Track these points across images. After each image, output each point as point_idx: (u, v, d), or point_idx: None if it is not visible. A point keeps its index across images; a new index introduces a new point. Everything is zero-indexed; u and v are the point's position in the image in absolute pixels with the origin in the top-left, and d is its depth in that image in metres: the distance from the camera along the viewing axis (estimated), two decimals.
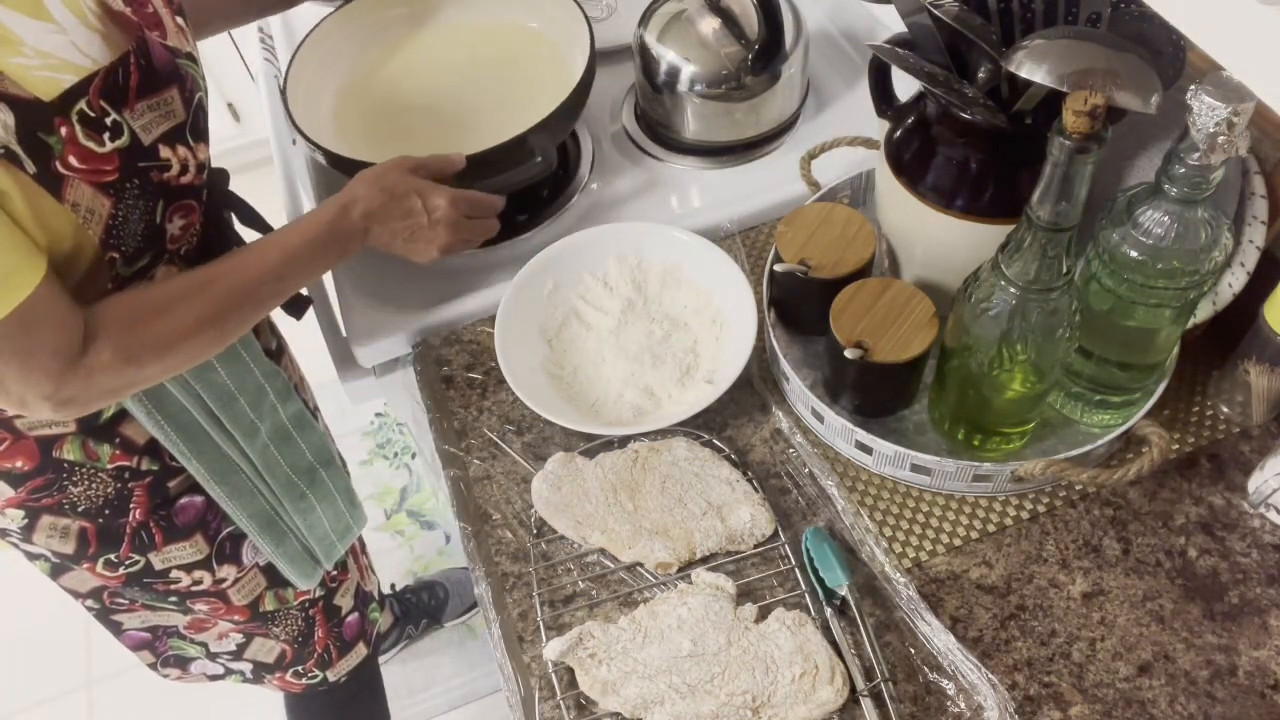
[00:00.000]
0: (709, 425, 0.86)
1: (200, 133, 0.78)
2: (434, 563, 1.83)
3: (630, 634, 0.73)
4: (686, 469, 0.82)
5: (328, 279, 1.06)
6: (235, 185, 0.93)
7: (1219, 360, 0.83)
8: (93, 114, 0.66)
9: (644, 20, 1.07)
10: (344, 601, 1.15)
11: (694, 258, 0.93)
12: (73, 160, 0.66)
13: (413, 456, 1.99)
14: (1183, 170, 0.62)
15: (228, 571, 0.96)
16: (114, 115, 0.68)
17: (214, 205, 0.88)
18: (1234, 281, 0.78)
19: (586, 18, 1.04)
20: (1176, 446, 0.81)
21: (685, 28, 1.04)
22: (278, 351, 1.02)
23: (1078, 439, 0.81)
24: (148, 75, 0.70)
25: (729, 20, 1.03)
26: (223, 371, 0.85)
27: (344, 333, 1.00)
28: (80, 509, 0.84)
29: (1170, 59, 0.71)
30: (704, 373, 0.88)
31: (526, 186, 0.97)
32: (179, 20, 0.78)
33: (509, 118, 1.01)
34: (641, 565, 0.79)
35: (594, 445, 0.86)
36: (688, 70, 1.04)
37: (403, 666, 1.70)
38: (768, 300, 0.90)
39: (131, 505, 0.86)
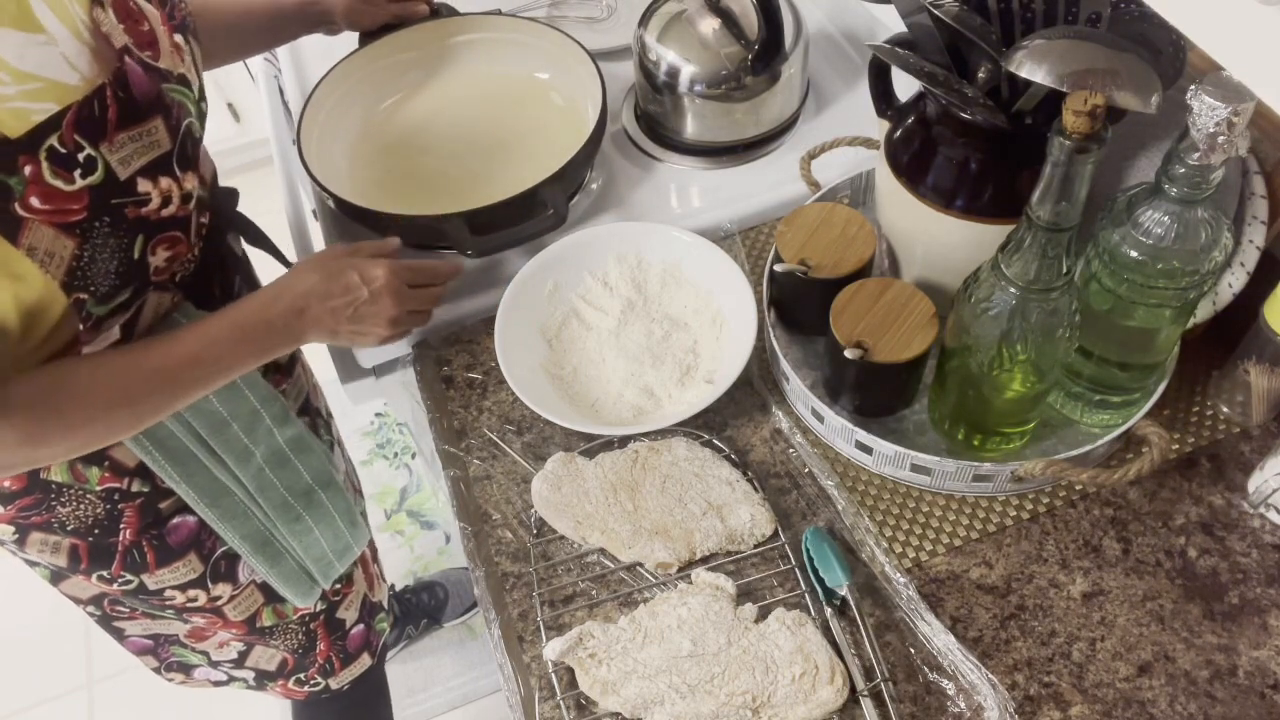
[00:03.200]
0: (709, 425, 0.86)
1: (189, 161, 0.74)
2: (434, 563, 1.83)
3: (630, 634, 0.73)
4: (686, 469, 0.82)
5: None
6: (235, 185, 0.92)
7: (1219, 360, 0.83)
8: (64, 149, 0.62)
9: (644, 20, 1.07)
10: (348, 614, 1.13)
11: (694, 258, 0.93)
12: (34, 201, 0.61)
13: (413, 456, 1.99)
14: (1183, 170, 0.62)
15: (223, 589, 0.95)
16: (89, 150, 0.64)
17: (218, 228, 0.85)
18: (1234, 281, 0.78)
19: (599, 69, 1.04)
20: (1176, 446, 0.81)
21: (685, 28, 1.04)
22: (289, 363, 1.00)
23: (1078, 439, 0.81)
24: (127, 106, 0.66)
25: (729, 20, 1.03)
26: (214, 398, 0.82)
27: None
28: (69, 528, 0.83)
29: (1170, 59, 0.71)
30: (704, 373, 0.88)
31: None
32: (178, 38, 0.74)
33: (520, 168, 1.02)
34: (641, 565, 0.79)
35: (594, 445, 0.86)
36: (688, 70, 1.04)
37: (403, 666, 1.70)
38: (768, 300, 0.90)
39: (122, 525, 0.84)
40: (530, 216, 0.94)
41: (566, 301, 0.94)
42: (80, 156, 0.63)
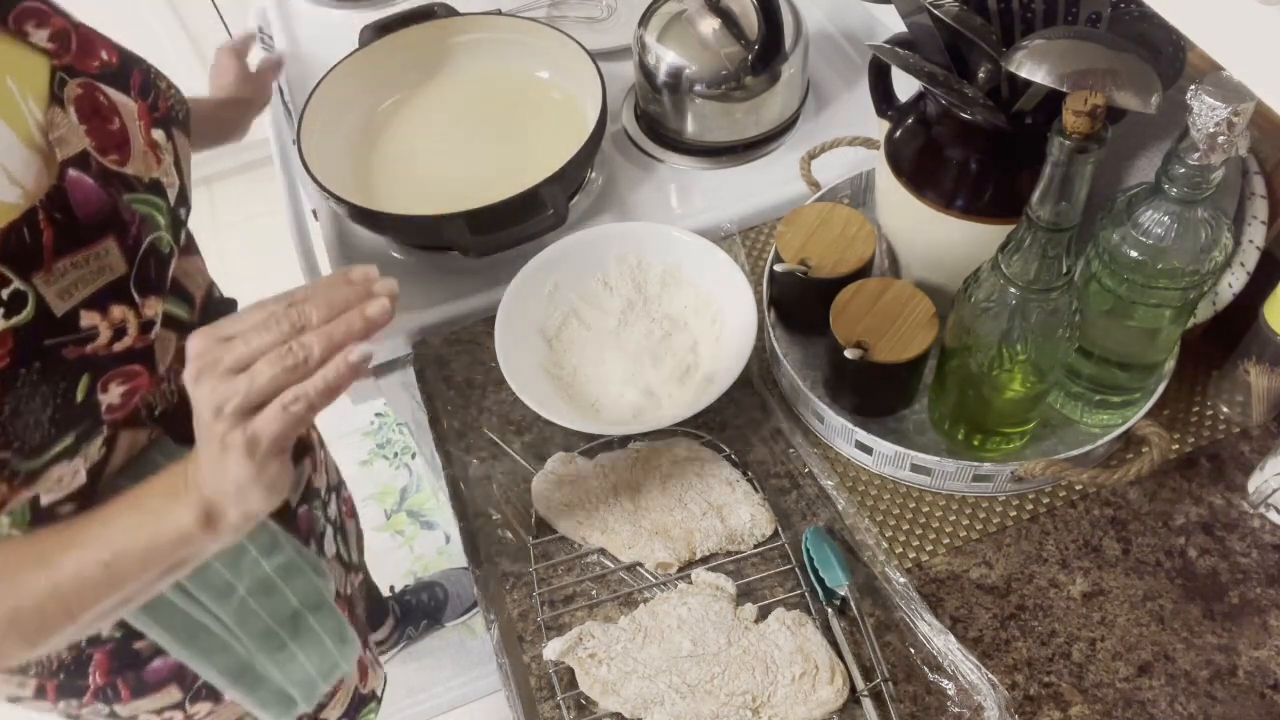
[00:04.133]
0: (709, 425, 0.86)
1: (150, 285, 0.61)
2: (434, 563, 1.83)
3: (630, 634, 0.73)
4: (686, 469, 0.82)
5: None
6: (235, 185, 0.92)
7: (1219, 360, 0.83)
8: None
9: (644, 20, 1.07)
10: (332, 714, 1.03)
11: (694, 258, 0.93)
12: None
13: (413, 456, 1.99)
14: (1183, 170, 0.62)
15: (201, 707, 0.86)
16: (17, 283, 0.52)
17: None
18: (1234, 281, 0.78)
19: (599, 69, 1.04)
20: (1176, 446, 0.81)
21: (685, 28, 1.04)
22: (299, 452, 0.88)
23: (1078, 439, 0.81)
24: (67, 228, 0.55)
25: (729, 20, 1.03)
26: None
27: None
28: (31, 671, 0.75)
29: (1170, 59, 0.71)
30: (704, 373, 0.88)
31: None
32: (156, 135, 0.64)
33: (520, 169, 1.02)
34: (641, 565, 0.79)
35: (594, 445, 0.86)
36: (688, 70, 1.04)
37: (403, 666, 1.70)
38: (768, 300, 0.90)
39: (91, 670, 0.76)
40: (530, 216, 0.94)
41: (566, 301, 0.94)
42: (4, 293, 0.52)
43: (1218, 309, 0.79)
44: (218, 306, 0.78)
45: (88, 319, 0.57)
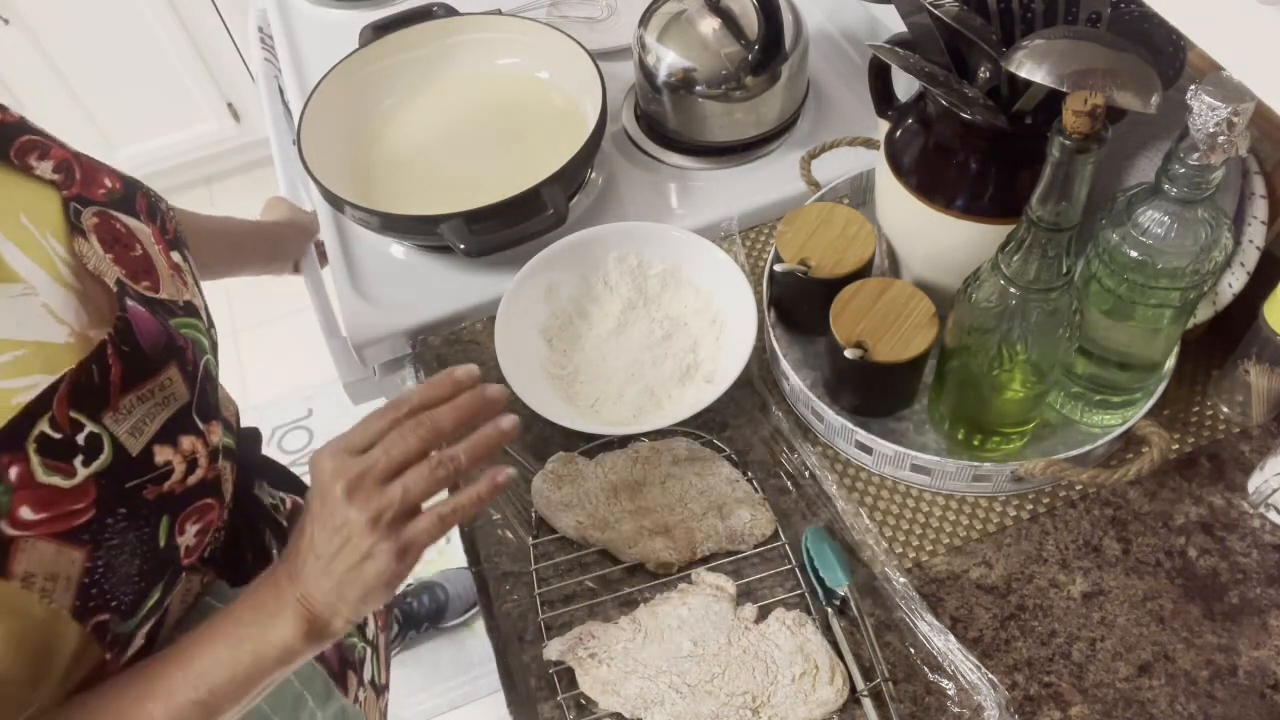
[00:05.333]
0: (709, 425, 0.86)
1: (210, 410, 0.59)
2: (434, 563, 1.83)
3: (630, 634, 0.73)
4: (687, 469, 0.82)
5: (328, 278, 1.07)
6: (235, 185, 0.92)
7: (1219, 360, 0.83)
8: (58, 434, 0.47)
9: (644, 20, 1.07)
10: None
11: (694, 258, 0.93)
12: (25, 513, 0.46)
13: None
14: (1183, 170, 0.62)
15: None
16: (90, 426, 0.49)
17: (244, 481, 0.70)
18: (1234, 281, 0.78)
19: (599, 69, 1.04)
20: (1176, 446, 0.81)
21: (685, 28, 1.04)
22: None
23: (1078, 439, 0.81)
24: (134, 361, 0.52)
25: (729, 20, 1.03)
26: None
27: (344, 333, 1.00)
28: None
29: (1170, 59, 0.71)
30: (704, 373, 0.88)
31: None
32: (175, 257, 0.60)
33: (520, 168, 1.02)
34: (642, 565, 0.79)
35: (594, 445, 0.86)
36: (688, 70, 1.04)
37: (403, 667, 1.70)
38: (768, 300, 0.90)
39: None
40: (530, 216, 0.94)
41: (566, 301, 0.94)
42: (80, 438, 0.48)
43: (1218, 309, 0.79)
44: (246, 435, 0.74)
45: (161, 455, 0.53)
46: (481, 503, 0.55)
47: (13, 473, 0.45)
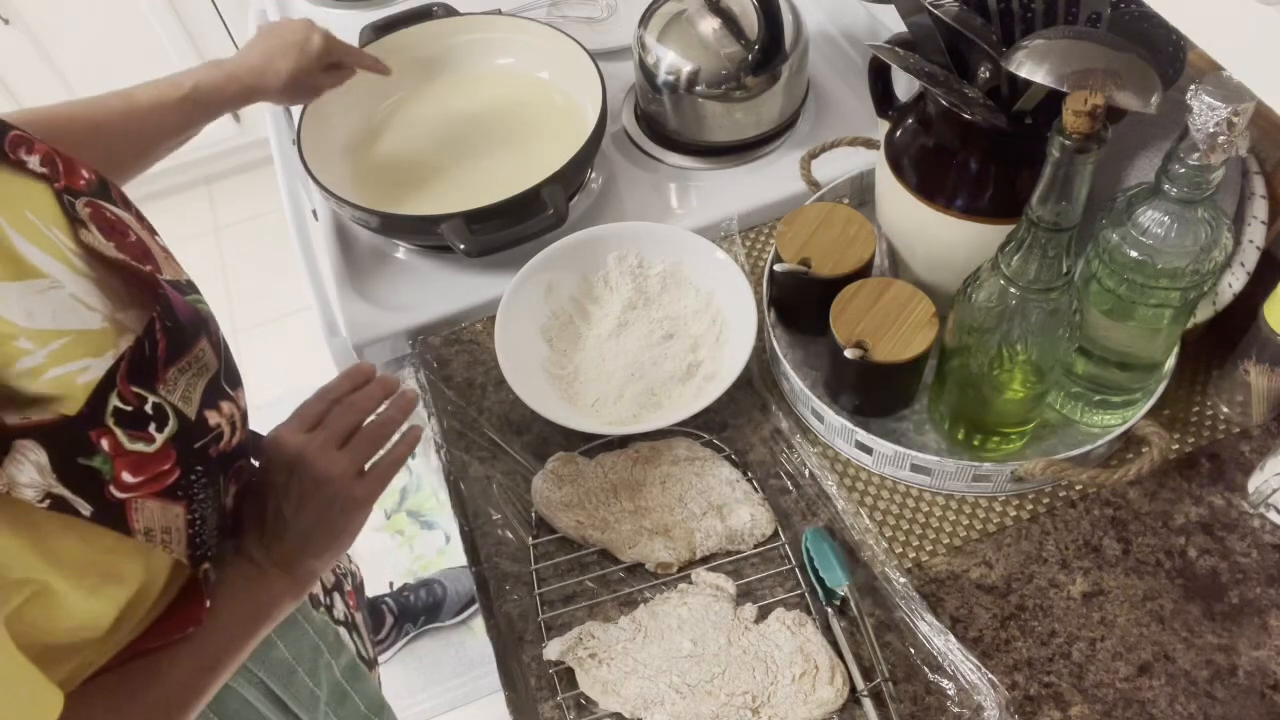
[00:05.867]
0: (709, 425, 0.86)
1: (235, 377, 0.63)
2: (434, 563, 1.83)
3: (630, 634, 0.73)
4: (686, 469, 0.82)
5: (328, 279, 1.06)
6: (235, 185, 0.92)
7: (1219, 360, 0.83)
8: (129, 408, 0.51)
9: (644, 20, 1.07)
10: None
11: (694, 258, 0.93)
12: (127, 477, 0.51)
13: (413, 456, 1.98)
14: (1183, 170, 0.62)
15: None
16: (152, 398, 0.53)
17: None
18: (1234, 281, 0.78)
19: (599, 69, 1.04)
20: (1176, 446, 0.81)
21: (685, 28, 1.04)
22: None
23: (1078, 439, 0.81)
24: (175, 336, 0.56)
25: (729, 20, 1.03)
26: (279, 641, 0.74)
27: (344, 333, 1.00)
28: None
29: (1170, 59, 0.71)
30: (704, 373, 0.88)
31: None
32: (159, 240, 0.62)
33: (520, 168, 1.02)
34: (642, 565, 0.79)
35: (594, 445, 0.86)
36: (688, 70, 1.04)
37: (403, 667, 1.70)
38: (768, 300, 0.90)
39: None
40: (530, 216, 0.94)
41: (567, 301, 0.94)
42: (147, 408, 0.52)
43: (1218, 309, 0.79)
44: None
45: (212, 418, 0.58)
46: (405, 457, 0.71)
47: (105, 444, 0.50)
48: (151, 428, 0.52)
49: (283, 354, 2.13)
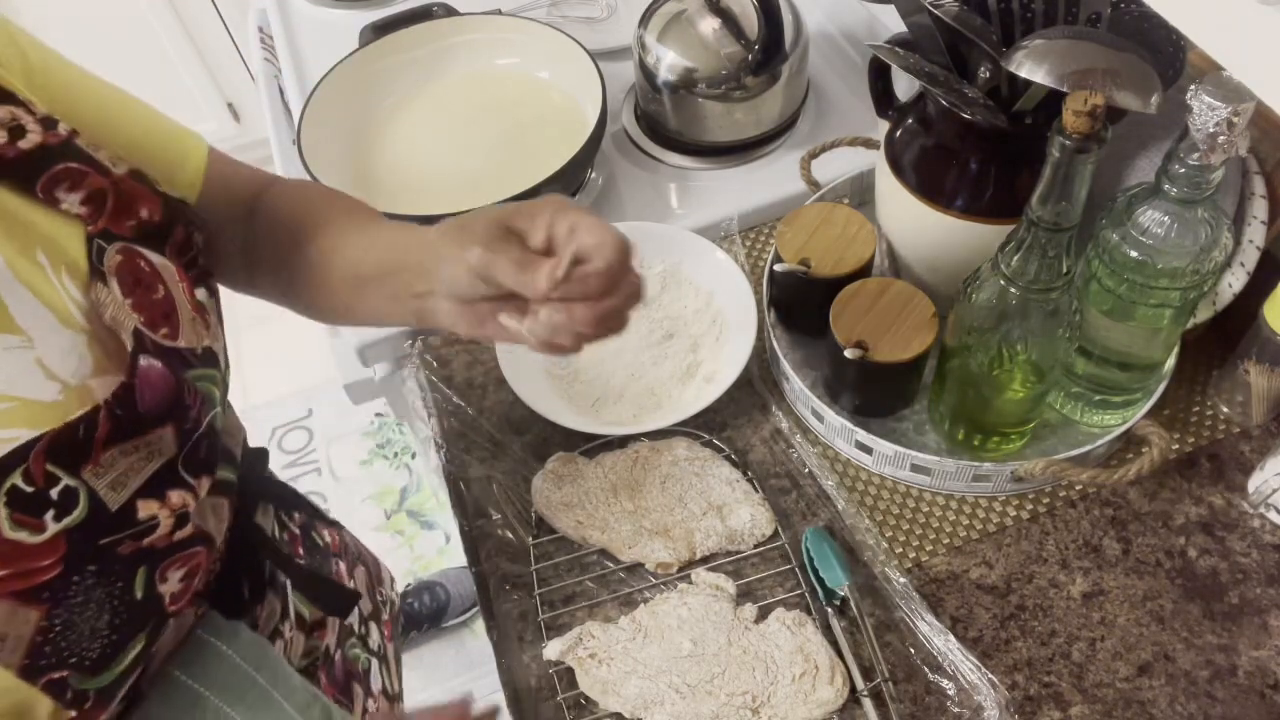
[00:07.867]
0: (709, 425, 0.86)
1: (200, 464, 0.55)
2: (434, 563, 1.83)
3: (630, 634, 0.73)
4: (686, 469, 0.82)
5: None
6: None
7: (1219, 360, 0.83)
8: (30, 488, 0.44)
9: (644, 20, 1.07)
10: None
11: (694, 258, 0.93)
12: None
13: (413, 456, 1.99)
14: (1183, 170, 0.62)
15: None
16: (67, 480, 0.46)
17: (245, 508, 0.67)
18: (1234, 281, 0.78)
19: (599, 69, 1.04)
20: (1176, 446, 0.81)
21: (685, 28, 1.04)
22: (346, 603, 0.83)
23: (1078, 439, 0.81)
24: (126, 423, 0.49)
25: (729, 20, 1.03)
26: None
27: (344, 333, 1.00)
28: None
29: (1170, 59, 0.71)
30: (704, 373, 0.88)
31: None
32: (199, 294, 0.56)
33: (520, 168, 1.02)
34: (642, 565, 0.79)
35: (594, 445, 0.86)
36: (688, 70, 1.04)
37: (403, 667, 1.69)
38: (768, 300, 0.90)
39: None
40: None
41: None
42: (54, 492, 0.45)
43: (1218, 309, 0.79)
44: (252, 457, 0.72)
45: (146, 509, 0.51)
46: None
47: None
48: (48, 515, 0.45)
49: (282, 354, 2.13)
